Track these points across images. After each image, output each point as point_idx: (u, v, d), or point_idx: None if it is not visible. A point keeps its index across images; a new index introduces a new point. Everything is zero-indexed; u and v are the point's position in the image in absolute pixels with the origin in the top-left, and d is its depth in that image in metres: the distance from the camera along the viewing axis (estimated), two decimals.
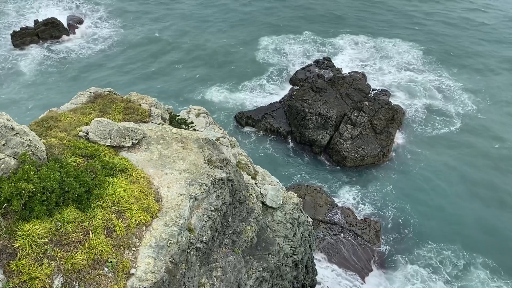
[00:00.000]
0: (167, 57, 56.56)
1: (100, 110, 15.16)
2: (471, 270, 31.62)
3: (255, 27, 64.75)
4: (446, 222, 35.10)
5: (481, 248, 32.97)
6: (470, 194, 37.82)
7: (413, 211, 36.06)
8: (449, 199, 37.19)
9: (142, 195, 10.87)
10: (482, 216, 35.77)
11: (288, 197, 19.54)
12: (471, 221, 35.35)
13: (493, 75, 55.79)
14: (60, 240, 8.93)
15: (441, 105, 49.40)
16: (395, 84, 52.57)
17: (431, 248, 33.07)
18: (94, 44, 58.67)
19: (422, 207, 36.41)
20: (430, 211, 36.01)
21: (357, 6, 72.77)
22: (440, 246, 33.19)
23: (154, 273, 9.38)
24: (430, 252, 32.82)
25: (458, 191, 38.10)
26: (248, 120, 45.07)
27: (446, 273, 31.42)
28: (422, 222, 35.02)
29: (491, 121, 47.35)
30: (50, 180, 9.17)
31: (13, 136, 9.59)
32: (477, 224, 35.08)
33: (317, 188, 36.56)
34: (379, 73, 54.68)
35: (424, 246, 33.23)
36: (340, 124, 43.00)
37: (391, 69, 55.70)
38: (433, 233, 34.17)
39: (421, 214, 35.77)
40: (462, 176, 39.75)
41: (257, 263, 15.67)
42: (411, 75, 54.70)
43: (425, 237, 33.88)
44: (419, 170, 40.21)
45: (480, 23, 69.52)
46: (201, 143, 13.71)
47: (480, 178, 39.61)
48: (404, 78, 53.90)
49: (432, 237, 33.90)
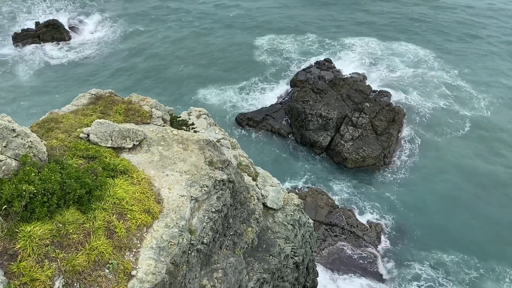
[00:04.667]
0: (167, 58, 56.59)
1: (101, 112, 15.16)
2: (475, 274, 31.52)
3: (256, 27, 64.73)
4: (448, 224, 34.99)
5: (485, 252, 32.76)
6: (473, 196, 37.61)
7: (414, 212, 35.98)
8: (451, 201, 37.06)
9: (143, 196, 10.87)
10: (485, 219, 35.60)
11: (289, 199, 19.51)
12: (474, 223, 35.22)
13: (504, 77, 54.75)
14: (61, 241, 8.93)
15: (448, 106, 48.71)
16: (400, 84, 52.07)
17: (432, 250, 32.98)
18: (95, 46, 58.76)
19: (423, 208, 36.32)
20: (432, 213, 35.91)
21: (360, 6, 72.40)
22: (442, 249, 33.07)
23: (155, 274, 9.37)
24: (432, 254, 32.73)
25: (461, 193, 37.87)
26: (249, 122, 45.08)
27: (448, 276, 31.34)
28: (423, 224, 34.94)
29: (501, 123, 46.36)
30: (51, 181, 9.17)
31: (14, 137, 9.60)
32: (479, 226, 34.95)
33: (318, 190, 36.53)
34: (381, 73, 54.35)
35: (426, 248, 33.13)
36: (341, 126, 42.99)
37: (394, 69, 55.23)
38: (435, 235, 34.06)
39: (422, 215, 35.68)
40: (465, 178, 39.32)
41: (258, 265, 15.66)
42: (417, 75, 54.14)
43: (426, 239, 33.78)
44: (420, 171, 40.11)
45: (494, 23, 68.54)
46: (202, 145, 13.71)
47: (485, 182, 39.06)
48: (409, 78, 53.41)
49: (434, 239, 33.79)
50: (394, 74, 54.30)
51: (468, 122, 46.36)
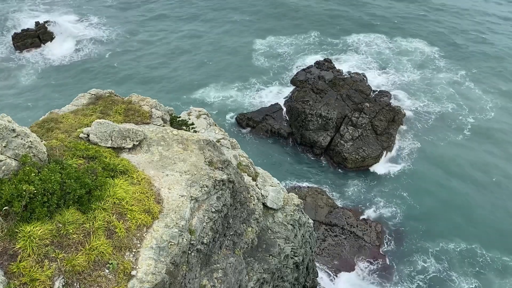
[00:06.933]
0: (167, 59, 56.59)
1: (101, 112, 15.17)
2: (477, 272, 31.53)
3: (256, 26, 64.62)
4: (448, 223, 35.02)
5: (487, 251, 32.77)
6: (473, 196, 37.60)
7: (414, 211, 36.01)
8: (451, 200, 37.05)
9: (143, 196, 10.87)
10: (485, 217, 35.64)
11: (289, 199, 19.52)
12: (473, 222, 35.26)
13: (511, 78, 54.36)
14: (61, 241, 8.94)
15: (449, 107, 48.46)
16: (402, 84, 51.91)
17: (432, 249, 33.00)
18: (95, 46, 58.76)
19: (423, 208, 36.34)
20: (431, 212, 35.92)
21: (362, 6, 72.02)
22: (441, 247, 33.12)
23: (155, 274, 9.38)
24: (431, 253, 32.76)
25: (460, 193, 37.86)
26: (249, 122, 45.08)
27: (448, 274, 31.36)
28: (423, 223, 34.96)
29: (503, 125, 46.02)
30: (51, 181, 9.18)
31: (14, 137, 9.60)
32: (479, 225, 35.00)
33: (318, 190, 36.54)
34: (383, 74, 54.12)
35: (425, 247, 33.16)
36: (341, 126, 43.00)
37: (397, 69, 55.01)
38: (434, 234, 34.09)
39: (422, 214, 35.70)
40: (465, 178, 39.29)
41: (258, 265, 15.66)
42: (420, 75, 53.95)
43: (426, 238, 33.81)
44: (420, 171, 40.10)
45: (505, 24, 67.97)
46: (202, 145, 13.71)
47: (486, 182, 38.98)
48: (411, 78, 53.23)
49: (433, 238, 33.83)
50: (394, 74, 54.18)
51: (469, 122, 46.30)
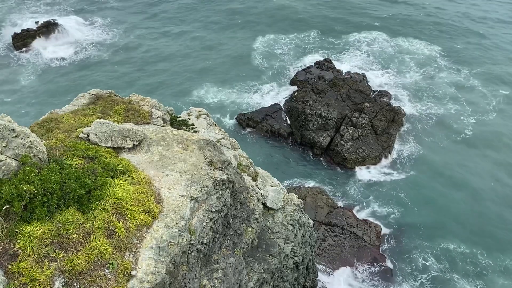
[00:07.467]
0: (167, 59, 56.57)
1: (101, 112, 15.17)
2: (477, 273, 31.53)
3: (257, 26, 64.58)
4: (448, 224, 35.00)
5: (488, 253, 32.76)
6: (472, 197, 37.50)
7: (414, 212, 36.00)
8: (450, 201, 37.03)
9: (143, 196, 10.87)
10: (484, 219, 35.60)
11: (289, 199, 19.53)
12: (473, 223, 35.24)
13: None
14: (61, 241, 8.94)
15: (451, 108, 48.26)
16: (403, 84, 51.72)
17: (431, 250, 32.99)
18: (95, 46, 58.76)
19: (422, 208, 36.32)
20: (431, 213, 35.91)
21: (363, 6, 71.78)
22: (441, 247, 33.11)
23: (155, 274, 9.38)
24: (430, 253, 32.75)
25: (460, 194, 37.77)
26: (249, 122, 45.08)
27: (448, 275, 31.36)
28: (423, 223, 34.94)
29: (505, 128, 45.79)
30: (51, 181, 9.18)
31: (14, 137, 9.61)
32: (479, 226, 34.98)
33: (317, 190, 36.53)
34: (384, 73, 54.10)
35: (425, 248, 33.15)
36: (341, 126, 43.00)
37: (399, 69, 54.79)
38: (434, 235, 34.07)
39: (421, 215, 35.69)
40: (466, 180, 39.13)
41: (258, 265, 15.66)
42: (422, 75, 53.80)
43: (426, 238, 33.80)
44: (420, 172, 40.09)
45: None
46: (202, 145, 13.72)
47: (486, 182, 38.92)
48: (413, 78, 53.06)
49: (433, 238, 33.81)
50: (396, 74, 54.07)
51: (470, 122, 46.24)
